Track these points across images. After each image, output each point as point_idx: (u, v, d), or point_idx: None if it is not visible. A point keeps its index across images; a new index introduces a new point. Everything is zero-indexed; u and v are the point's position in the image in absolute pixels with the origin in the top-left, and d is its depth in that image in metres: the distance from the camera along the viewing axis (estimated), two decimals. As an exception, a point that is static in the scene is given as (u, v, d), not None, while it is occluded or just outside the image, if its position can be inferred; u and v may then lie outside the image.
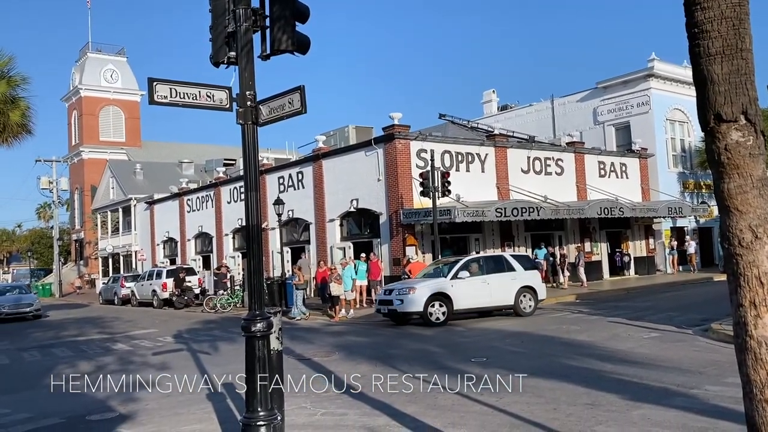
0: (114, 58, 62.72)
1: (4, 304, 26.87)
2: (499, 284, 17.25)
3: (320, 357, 12.28)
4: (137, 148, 60.94)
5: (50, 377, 12.05)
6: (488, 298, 17.21)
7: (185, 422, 7.84)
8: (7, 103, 18.01)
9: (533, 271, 18.27)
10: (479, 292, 17.05)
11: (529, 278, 17.86)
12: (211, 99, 5.98)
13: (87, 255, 58.21)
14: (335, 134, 30.68)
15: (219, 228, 35.02)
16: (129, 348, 15.77)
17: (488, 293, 17.15)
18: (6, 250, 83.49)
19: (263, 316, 5.67)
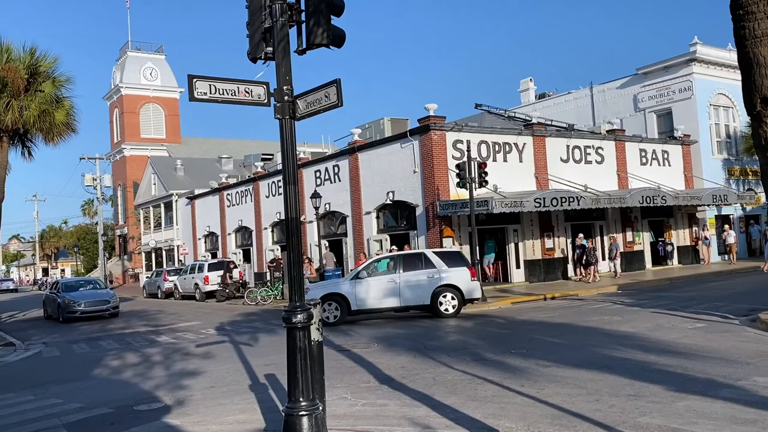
0: (153, 56, 63.93)
1: (80, 301, 23.73)
2: (410, 283, 16.60)
3: (359, 348, 12.37)
4: (178, 144, 62.08)
5: (99, 369, 12.44)
6: (396, 298, 16.61)
7: (229, 412, 8.00)
8: (53, 103, 18.53)
9: (460, 269, 16.88)
10: (384, 291, 16.63)
11: (454, 277, 16.68)
12: (250, 94, 6.05)
13: (131, 250, 59.66)
14: (370, 127, 30.72)
15: (258, 222, 35.47)
16: (173, 340, 16.13)
17: (396, 292, 16.58)
18: (54, 246, 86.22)
19: (303, 308, 5.74)
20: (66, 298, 23.70)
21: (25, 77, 17.95)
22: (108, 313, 23.85)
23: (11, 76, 17.54)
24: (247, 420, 7.52)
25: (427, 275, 16.66)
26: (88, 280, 29.76)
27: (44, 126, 18.14)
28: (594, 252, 24.00)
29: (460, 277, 16.72)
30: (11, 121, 17.60)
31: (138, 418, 8.01)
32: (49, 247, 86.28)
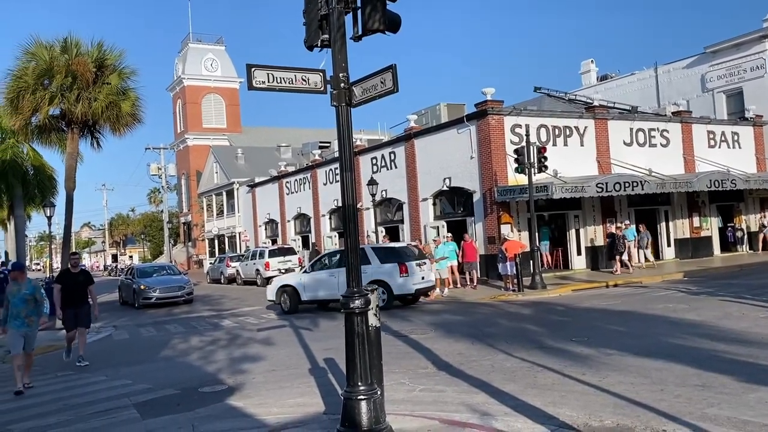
0: (213, 47, 65.28)
1: (155, 287, 23.62)
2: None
3: (417, 334, 12.40)
4: (238, 133, 63.36)
5: (165, 351, 12.91)
6: (334, 290, 17.13)
7: (289, 395, 8.16)
8: (119, 95, 19.18)
9: (391, 265, 17.21)
10: (325, 284, 17.75)
11: (383, 272, 17.23)
12: (307, 82, 6.10)
13: (194, 237, 61.46)
14: (427, 113, 30.56)
15: (316, 209, 35.92)
16: (235, 324, 16.56)
17: (335, 286, 17.25)
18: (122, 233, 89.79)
19: (361, 294, 5.78)
20: (141, 283, 23.86)
21: (93, 70, 18.63)
22: (182, 299, 23.80)
23: (80, 69, 18.24)
24: (307, 403, 7.66)
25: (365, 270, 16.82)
26: (162, 266, 29.48)
27: (111, 117, 18.81)
28: (623, 240, 22.68)
29: (390, 274, 17.18)
30: (81, 113, 18.32)
31: (203, 400, 8.27)
32: (118, 234, 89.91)
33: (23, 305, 9.58)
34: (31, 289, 9.80)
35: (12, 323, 9.55)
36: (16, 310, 9.54)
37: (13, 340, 9.56)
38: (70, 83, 18.18)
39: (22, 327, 9.56)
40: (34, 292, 9.80)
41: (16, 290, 9.69)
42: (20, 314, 9.54)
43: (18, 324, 9.54)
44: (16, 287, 9.75)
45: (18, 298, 9.59)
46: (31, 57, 18.68)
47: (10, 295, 9.64)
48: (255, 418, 7.12)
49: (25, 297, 9.64)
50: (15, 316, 9.54)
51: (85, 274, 12.30)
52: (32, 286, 9.98)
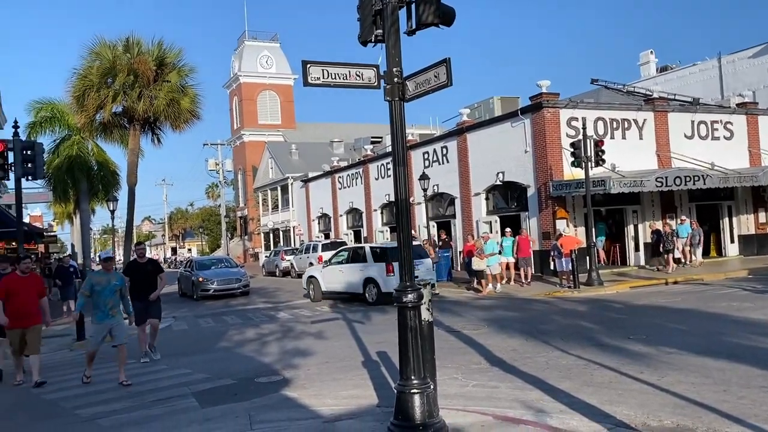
0: (268, 45, 66.29)
1: (213, 279, 24.23)
2: (350, 274, 19.21)
3: (469, 330, 12.34)
4: (292, 129, 64.24)
5: (223, 342, 13.23)
6: (344, 285, 19.39)
7: (343, 387, 8.26)
8: (178, 92, 19.73)
9: (380, 264, 18.27)
10: (337, 278, 19.67)
11: (374, 271, 18.38)
12: (360, 78, 6.14)
13: (250, 230, 62.70)
14: (479, 106, 30.31)
15: (368, 203, 36.11)
16: (290, 316, 16.84)
17: (344, 280, 19.35)
18: (181, 227, 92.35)
19: (414, 288, 5.79)
20: (200, 276, 24.48)
21: (153, 68, 19.20)
22: (239, 291, 24.24)
23: (142, 68, 18.83)
24: (361, 395, 7.73)
25: (360, 268, 18.97)
26: (220, 259, 29.98)
27: (171, 114, 19.37)
28: (671, 237, 21.80)
29: (379, 272, 18.21)
30: (142, 110, 18.93)
31: (259, 390, 8.45)
32: (177, 228, 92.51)
33: (111, 296, 9.33)
34: (120, 281, 9.58)
35: (97, 315, 9.33)
36: (103, 301, 9.28)
37: (96, 334, 9.43)
38: (132, 81, 18.79)
39: (106, 319, 9.30)
40: (122, 284, 9.60)
41: (105, 281, 9.36)
42: (106, 305, 9.28)
43: (102, 316, 9.30)
44: (104, 278, 9.42)
45: (108, 289, 9.31)
46: (95, 56, 19.39)
47: (97, 285, 9.30)
48: (310, 409, 7.23)
49: (115, 288, 9.40)
50: (101, 308, 9.30)
51: (154, 264, 12.01)
52: (120, 277, 9.75)
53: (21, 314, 9.41)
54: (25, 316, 9.47)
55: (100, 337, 9.35)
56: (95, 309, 9.33)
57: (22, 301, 9.42)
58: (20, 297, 9.40)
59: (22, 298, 9.43)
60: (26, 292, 9.51)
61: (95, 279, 9.44)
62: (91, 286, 9.33)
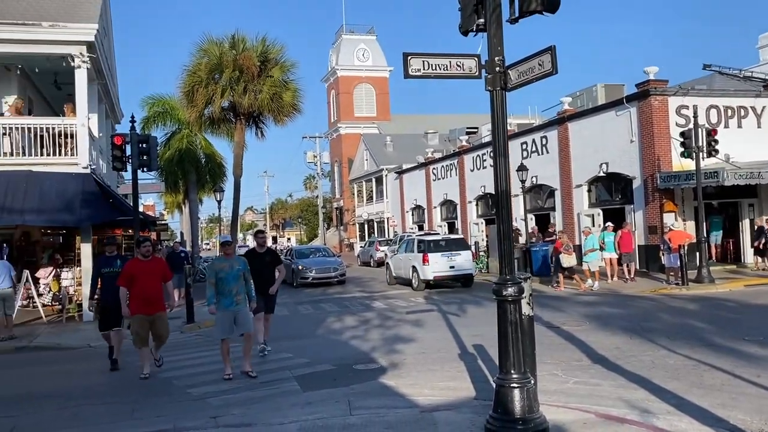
0: (365, 38, 67.05)
1: (311, 267, 25.20)
2: (405, 262, 22.26)
3: (570, 326, 12.02)
4: (387, 121, 64.75)
5: (322, 329, 13.61)
6: (402, 271, 22.62)
7: (439, 378, 8.29)
8: (281, 87, 20.39)
9: (419, 254, 21.08)
10: (398, 265, 22.95)
11: (415, 260, 21.42)
12: (461, 68, 6.09)
13: (346, 221, 63.92)
14: (582, 95, 29.26)
15: (462, 195, 35.85)
16: (385, 306, 17.06)
17: (402, 267, 22.56)
18: (281, 217, 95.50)
19: (514, 281, 5.70)
20: (299, 264, 25.34)
21: (257, 64, 19.93)
22: (336, 280, 25.04)
23: (247, 64, 19.60)
24: (458, 387, 7.72)
25: (409, 257, 21.78)
26: (318, 248, 30.99)
27: (274, 108, 20.07)
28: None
29: (418, 261, 21.21)
30: (248, 104, 19.72)
31: (357, 377, 8.63)
32: (277, 218, 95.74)
33: (235, 282, 8.85)
34: (243, 265, 9.06)
35: (222, 302, 8.81)
36: (227, 287, 8.80)
37: (222, 322, 8.84)
38: (237, 77, 19.59)
39: (232, 306, 8.79)
40: (245, 268, 9.07)
41: (227, 266, 8.92)
42: (231, 292, 8.80)
43: (228, 302, 8.79)
44: (227, 263, 8.97)
45: (231, 275, 8.85)
46: (203, 53, 20.36)
47: (220, 272, 8.84)
48: (407, 398, 7.31)
49: (238, 274, 8.92)
50: (226, 294, 8.81)
51: (272, 254, 11.18)
52: (243, 261, 9.21)
53: (145, 300, 9.09)
54: (149, 301, 9.13)
55: (227, 325, 8.79)
56: (220, 296, 8.81)
57: (146, 286, 9.10)
58: (143, 282, 9.09)
59: (146, 282, 9.11)
60: (149, 276, 9.17)
61: (218, 266, 9.00)
62: (215, 274, 8.87)
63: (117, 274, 9.60)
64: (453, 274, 21.04)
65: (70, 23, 16.28)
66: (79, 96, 16.57)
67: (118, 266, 9.88)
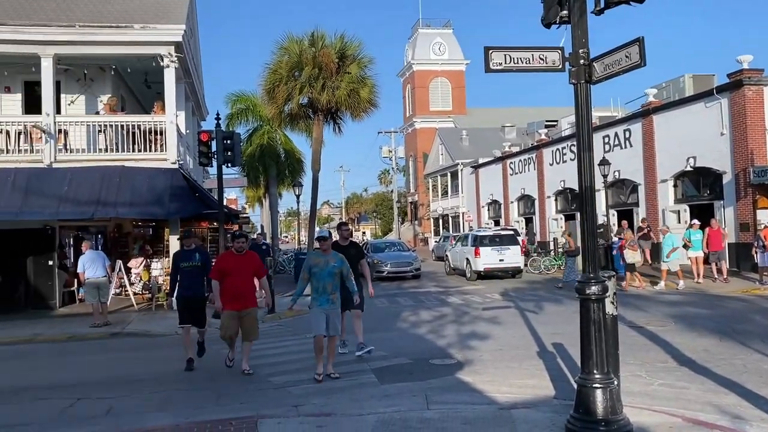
0: (441, 32, 66.69)
1: (387, 261, 25.28)
2: (461, 254, 24.84)
3: (654, 326, 11.60)
4: (462, 115, 64.24)
5: (398, 322, 13.70)
6: (457, 263, 25.21)
7: (517, 376, 8.20)
8: (358, 83, 20.59)
9: (472, 248, 23.51)
10: (456, 258, 25.67)
11: (469, 252, 23.75)
12: (544, 61, 5.98)
13: (420, 216, 63.96)
14: (668, 86, 28.07)
15: (541, 190, 35.14)
16: (461, 302, 16.99)
17: (458, 259, 25.19)
18: (356, 211, 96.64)
19: (598, 279, 5.57)
20: (375, 258, 25.46)
21: (335, 61, 20.21)
22: (411, 274, 25.05)
23: (325, 60, 19.91)
24: (537, 385, 7.62)
25: (465, 251, 24.34)
26: (393, 242, 31.22)
27: (351, 103, 20.30)
28: None
29: (471, 254, 23.49)
30: (326, 101, 20.04)
31: (433, 371, 8.66)
32: (353, 212, 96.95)
33: (330, 279, 8.42)
34: (339, 262, 8.58)
35: (317, 299, 8.40)
36: (321, 284, 8.38)
37: (316, 319, 8.36)
38: (316, 74, 19.93)
39: (326, 304, 8.34)
40: (342, 266, 8.60)
41: (322, 262, 8.48)
42: (326, 289, 8.38)
43: (323, 300, 8.36)
44: (322, 259, 8.53)
45: (326, 272, 8.41)
46: (284, 51, 20.82)
47: (315, 267, 8.46)
48: (485, 395, 7.28)
49: (333, 270, 8.45)
50: (321, 292, 8.38)
51: (356, 247, 10.64)
52: (340, 258, 8.66)
53: (236, 295, 8.75)
54: (240, 297, 8.78)
55: (323, 325, 8.28)
56: (314, 293, 8.42)
57: (237, 282, 8.75)
58: (235, 277, 8.75)
59: (238, 278, 8.76)
60: (241, 271, 8.83)
61: (312, 260, 8.61)
62: (309, 269, 8.49)
63: (196, 268, 9.48)
64: (502, 266, 23.19)
65: (160, 25, 17.04)
66: (168, 94, 17.33)
67: (197, 260, 9.56)
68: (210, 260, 10.01)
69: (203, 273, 9.54)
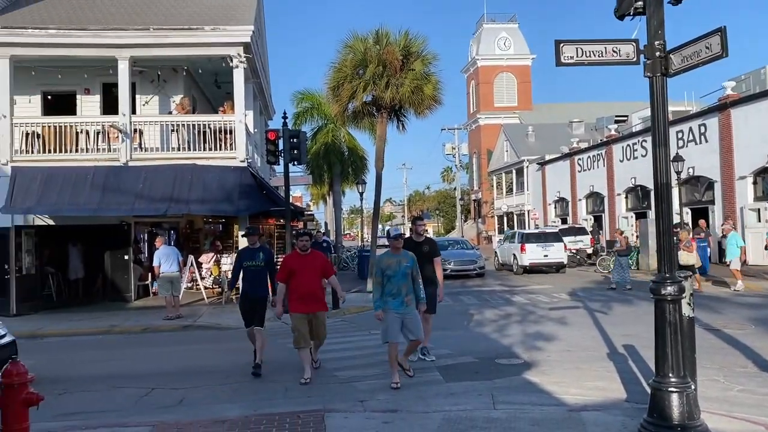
0: (506, 26, 65.79)
1: (450, 259, 24.58)
2: (508, 250, 26.83)
3: (732, 329, 11.08)
4: (528, 111, 63.17)
5: (462, 321, 13.60)
6: (506, 258, 27.05)
7: (587, 378, 7.99)
8: (422, 79, 20.49)
9: (518, 244, 25.54)
10: (503, 254, 27.62)
11: (515, 249, 25.82)
12: (617, 54, 5.79)
13: (484, 214, 63.30)
14: (748, 78, 26.78)
15: (610, 187, 34.17)
16: (526, 301, 16.71)
17: (506, 255, 27.07)
18: (418, 209, 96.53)
19: (674, 280, 5.36)
20: None
21: (400, 58, 20.17)
22: (474, 273, 24.77)
23: (389, 58, 19.91)
24: (607, 388, 7.41)
25: (512, 247, 26.52)
26: (456, 240, 30.82)
27: (415, 100, 20.21)
28: None
29: (517, 250, 25.60)
30: (390, 98, 20.04)
31: (499, 371, 8.55)
32: (415, 210, 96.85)
33: (403, 281, 7.81)
34: (411, 262, 7.96)
35: (390, 303, 7.79)
36: (395, 286, 7.77)
37: (389, 323, 7.76)
38: (381, 71, 19.97)
39: (400, 308, 7.76)
40: (413, 265, 7.98)
41: (395, 263, 7.84)
42: (400, 292, 7.78)
43: (396, 304, 7.77)
44: (394, 259, 7.89)
45: (399, 273, 7.80)
46: (349, 50, 20.95)
47: (387, 269, 7.82)
48: (553, 396, 7.13)
49: (406, 271, 7.86)
50: (394, 295, 7.79)
51: (431, 243, 9.79)
52: (411, 258, 8.04)
53: (303, 296, 8.33)
54: (308, 299, 8.36)
55: (395, 328, 7.74)
56: (387, 296, 7.80)
57: (303, 282, 8.34)
58: (301, 277, 8.35)
59: (303, 278, 8.35)
60: (308, 272, 8.38)
61: (384, 262, 7.94)
62: (381, 272, 7.88)
63: (259, 268, 8.99)
64: (546, 261, 25.19)
65: (229, 26, 17.50)
66: (237, 94, 17.78)
67: (261, 259, 9.04)
68: (273, 259, 9.69)
69: (267, 273, 9.13)
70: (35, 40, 16.79)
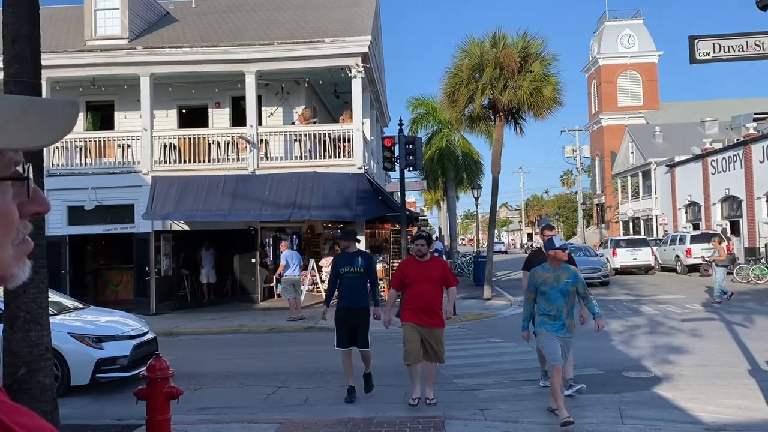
0: (630, 23, 62.77)
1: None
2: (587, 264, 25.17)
3: None
4: (655, 110, 59.85)
5: (585, 331, 13.02)
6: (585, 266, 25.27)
7: (725, 395, 7.44)
8: (541, 81, 20.01)
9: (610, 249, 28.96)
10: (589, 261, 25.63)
11: (607, 253, 28.84)
12: (761, 48, 5.35)
13: (608, 219, 60.60)
14: None
15: (749, 190, 31.57)
16: (655, 311, 15.81)
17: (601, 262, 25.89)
18: (537, 213, 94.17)
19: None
20: None
21: (517, 60, 19.83)
22: (598, 281, 23.81)
23: (507, 60, 19.62)
24: (749, 407, 6.86)
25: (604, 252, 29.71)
26: (578, 247, 29.03)
27: (534, 102, 19.78)
28: None
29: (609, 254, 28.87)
30: (507, 101, 19.75)
31: (627, 384, 8.15)
32: (533, 215, 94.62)
33: (563, 299, 6.56)
34: (573, 277, 6.69)
35: (547, 325, 6.59)
36: (552, 305, 6.55)
37: (549, 343, 6.56)
38: (498, 74, 19.74)
39: (560, 331, 6.54)
40: (577, 282, 6.70)
41: (552, 278, 6.62)
42: (559, 311, 6.54)
43: (557, 327, 6.54)
44: (551, 273, 6.66)
45: (557, 289, 6.56)
46: (465, 54, 20.88)
47: (543, 285, 6.63)
48: (687, 413, 6.70)
49: (566, 288, 6.57)
50: (549, 314, 6.58)
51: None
52: (574, 273, 6.77)
53: (417, 309, 7.28)
54: (422, 311, 7.27)
55: (558, 352, 6.50)
56: (543, 316, 6.66)
57: (419, 293, 7.27)
58: (418, 287, 7.27)
59: (421, 288, 7.26)
60: (425, 280, 7.25)
61: (539, 276, 6.71)
62: (535, 287, 6.71)
63: (358, 275, 7.84)
64: (635, 263, 28.73)
65: (347, 37, 18.00)
66: (355, 103, 18.24)
67: (359, 265, 7.85)
68: (374, 266, 8.47)
69: (366, 280, 7.96)
70: (171, 58, 18.16)
